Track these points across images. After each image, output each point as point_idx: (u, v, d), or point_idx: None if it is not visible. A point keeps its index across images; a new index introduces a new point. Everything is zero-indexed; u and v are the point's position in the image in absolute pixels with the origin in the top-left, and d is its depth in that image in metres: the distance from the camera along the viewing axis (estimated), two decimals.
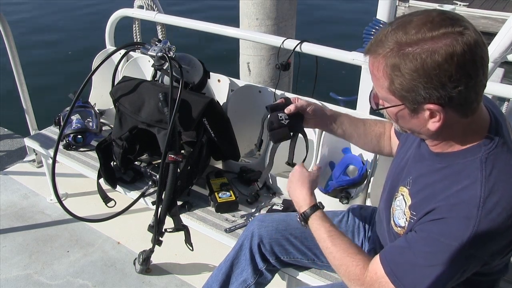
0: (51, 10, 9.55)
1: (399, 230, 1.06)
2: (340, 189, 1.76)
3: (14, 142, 3.05)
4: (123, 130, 1.85)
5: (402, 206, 1.05)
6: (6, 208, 2.43)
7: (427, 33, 0.84)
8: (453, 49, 0.82)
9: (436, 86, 0.84)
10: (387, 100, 0.94)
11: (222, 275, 1.46)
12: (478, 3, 9.23)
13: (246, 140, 2.37)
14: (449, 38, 0.82)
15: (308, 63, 2.10)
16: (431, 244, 0.91)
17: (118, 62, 2.09)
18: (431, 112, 0.89)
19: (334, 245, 1.10)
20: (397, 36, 0.86)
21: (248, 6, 3.36)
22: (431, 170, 1.00)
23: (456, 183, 0.92)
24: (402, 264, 0.96)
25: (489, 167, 0.89)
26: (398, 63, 0.86)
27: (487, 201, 0.86)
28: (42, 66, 6.54)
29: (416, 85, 0.86)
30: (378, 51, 0.89)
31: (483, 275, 1.04)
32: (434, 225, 0.91)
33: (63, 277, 2.03)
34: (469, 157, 0.93)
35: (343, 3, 10.66)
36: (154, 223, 1.76)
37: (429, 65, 0.83)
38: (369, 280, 1.01)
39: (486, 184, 0.88)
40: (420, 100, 0.88)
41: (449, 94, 0.85)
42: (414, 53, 0.84)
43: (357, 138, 1.39)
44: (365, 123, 1.39)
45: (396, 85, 0.88)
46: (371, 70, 0.93)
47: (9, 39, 2.49)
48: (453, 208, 0.89)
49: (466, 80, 0.84)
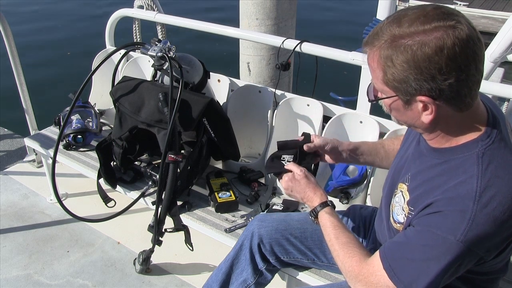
0: (51, 10, 9.54)
1: (398, 226, 1.07)
2: (340, 189, 1.76)
3: (14, 142, 3.05)
4: (123, 130, 1.85)
5: (401, 202, 1.06)
6: (6, 208, 2.43)
7: (420, 26, 0.85)
8: (443, 42, 0.83)
9: (426, 78, 0.86)
10: (383, 91, 0.97)
11: (222, 275, 1.46)
12: (478, 3, 9.23)
13: (246, 140, 2.37)
14: (440, 31, 0.84)
15: (308, 63, 2.10)
16: (427, 237, 0.92)
17: (118, 62, 2.09)
18: (424, 105, 0.91)
19: (337, 237, 1.13)
20: (392, 29, 0.89)
21: (248, 6, 3.36)
22: (429, 165, 1.01)
23: (453, 177, 0.93)
24: (400, 259, 0.97)
25: (486, 162, 0.90)
26: (390, 54, 0.88)
27: (483, 195, 0.87)
28: (42, 66, 6.54)
29: (407, 76, 0.88)
30: (374, 43, 0.92)
31: (482, 273, 1.04)
32: (431, 218, 0.93)
33: (63, 277, 2.03)
34: (466, 152, 0.94)
35: (343, 3, 10.65)
36: (154, 223, 1.76)
37: (419, 57, 0.85)
38: (365, 272, 1.02)
39: (482, 179, 0.89)
40: (411, 92, 0.90)
41: (439, 86, 0.86)
42: (405, 45, 0.86)
43: (379, 163, 1.40)
44: (384, 145, 1.40)
45: (388, 75, 0.91)
46: (368, 62, 0.96)
47: (9, 39, 2.49)
48: (450, 202, 0.90)
49: (457, 74, 0.85)
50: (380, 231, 1.26)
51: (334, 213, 1.20)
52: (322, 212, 1.20)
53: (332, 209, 1.21)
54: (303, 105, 2.03)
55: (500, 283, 1.14)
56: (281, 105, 2.03)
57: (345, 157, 1.36)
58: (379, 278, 0.98)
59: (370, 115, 1.88)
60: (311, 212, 1.23)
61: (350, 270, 1.06)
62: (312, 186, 1.25)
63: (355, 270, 1.05)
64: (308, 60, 2.02)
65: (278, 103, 2.06)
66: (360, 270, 1.04)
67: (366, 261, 1.04)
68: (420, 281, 0.93)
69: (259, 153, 2.34)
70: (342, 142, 1.35)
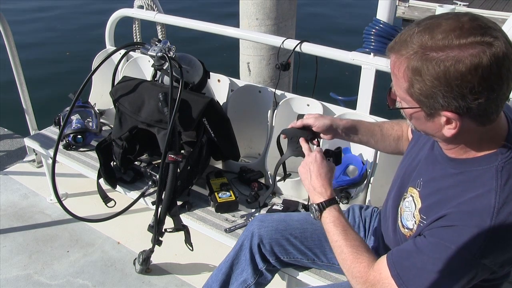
0: (51, 10, 9.54)
1: (406, 232, 1.05)
2: (340, 189, 1.76)
3: (14, 142, 3.05)
4: (123, 130, 1.85)
5: (411, 208, 1.04)
6: (6, 208, 2.43)
7: (455, 40, 0.80)
8: (479, 60, 0.79)
9: (456, 96, 0.82)
10: (405, 100, 0.92)
11: (222, 275, 1.46)
12: (478, 3, 9.22)
13: (246, 140, 2.37)
14: (477, 48, 0.79)
15: (308, 63, 2.10)
16: (441, 250, 0.90)
17: (118, 62, 2.09)
18: (448, 119, 0.87)
19: (346, 239, 1.09)
20: (423, 39, 0.83)
21: (248, 6, 3.36)
22: (443, 174, 0.98)
23: (470, 190, 0.90)
24: (409, 268, 0.95)
25: (505, 177, 0.87)
26: (420, 67, 0.83)
27: (501, 211, 0.85)
28: (42, 66, 6.53)
29: (436, 92, 0.83)
30: (402, 52, 0.86)
31: (487, 280, 1.03)
32: (445, 231, 0.90)
33: (63, 277, 2.03)
34: (485, 165, 0.91)
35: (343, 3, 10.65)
36: (154, 223, 1.76)
37: (452, 74, 0.80)
38: (373, 279, 1.00)
39: (501, 194, 0.86)
40: (437, 107, 0.86)
41: (468, 105, 0.82)
42: (438, 59, 0.81)
43: (374, 144, 1.38)
44: (382, 128, 1.37)
45: (415, 89, 0.86)
46: (392, 69, 0.91)
47: (9, 39, 2.49)
48: (466, 216, 0.88)
49: (488, 94, 0.81)
50: (384, 230, 1.25)
51: (342, 212, 1.16)
52: (331, 208, 1.14)
53: (340, 208, 1.16)
54: (303, 105, 2.03)
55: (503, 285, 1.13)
56: (281, 105, 2.03)
57: (341, 133, 1.33)
58: (386, 286, 0.97)
59: (370, 115, 1.87)
60: (318, 205, 1.15)
61: (358, 276, 1.03)
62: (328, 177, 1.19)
63: (363, 277, 1.02)
64: (308, 60, 2.02)
65: (278, 103, 2.06)
66: (368, 276, 1.01)
67: (373, 267, 1.02)
68: None
69: (259, 153, 2.34)
70: (338, 121, 1.31)
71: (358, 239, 1.10)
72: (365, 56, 1.82)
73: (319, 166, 1.20)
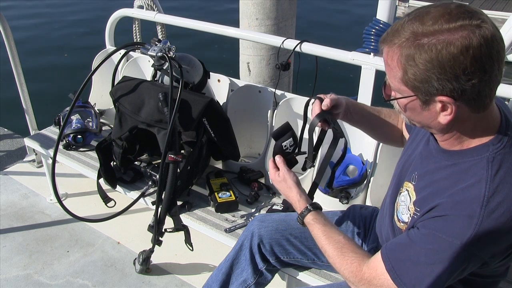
0: (51, 10, 9.54)
1: (402, 225, 1.06)
2: (340, 189, 1.76)
3: (14, 142, 3.05)
4: (123, 130, 1.85)
5: (406, 201, 1.05)
6: (6, 208, 2.43)
7: (444, 25, 0.83)
8: (469, 41, 0.81)
9: (450, 78, 0.84)
10: (400, 91, 0.94)
11: (222, 275, 1.46)
12: (478, 3, 9.22)
13: (246, 140, 2.37)
14: (466, 30, 0.82)
15: (308, 63, 2.10)
16: (432, 241, 0.91)
17: (118, 62, 2.09)
18: (443, 105, 0.88)
19: (329, 243, 1.11)
20: (414, 27, 0.86)
21: (248, 6, 3.36)
22: (437, 167, 1.00)
23: (462, 181, 0.91)
24: (403, 261, 0.96)
25: (496, 167, 0.89)
26: (413, 53, 0.85)
27: (491, 200, 0.86)
28: (42, 66, 6.54)
29: (430, 76, 0.85)
30: (394, 41, 0.88)
31: (483, 276, 1.04)
32: (436, 221, 0.91)
33: (63, 277, 2.03)
34: (476, 155, 0.92)
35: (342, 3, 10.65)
36: (154, 223, 1.76)
37: (444, 57, 0.83)
38: (368, 276, 1.01)
39: (491, 184, 0.87)
40: (432, 92, 0.87)
41: (462, 86, 0.84)
42: (429, 44, 0.83)
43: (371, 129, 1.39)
44: (381, 113, 1.37)
45: (409, 75, 0.88)
46: (385, 60, 0.92)
47: (9, 39, 2.49)
48: (456, 206, 0.89)
49: (481, 74, 0.83)
50: (381, 227, 1.25)
51: (319, 216, 1.16)
52: (307, 218, 1.17)
53: (316, 213, 1.17)
54: (303, 105, 2.02)
55: (500, 283, 1.14)
56: (281, 105, 2.03)
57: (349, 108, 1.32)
58: (382, 281, 0.98)
59: None
60: (297, 218, 1.20)
61: (351, 276, 1.05)
62: (293, 190, 1.21)
63: (357, 276, 1.03)
64: (308, 60, 2.02)
65: (278, 103, 2.06)
66: (362, 275, 1.02)
67: (367, 264, 1.03)
68: (423, 284, 0.92)
69: (259, 153, 2.34)
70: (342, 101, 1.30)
71: (342, 239, 1.10)
72: (365, 56, 1.82)
73: (286, 180, 1.23)
